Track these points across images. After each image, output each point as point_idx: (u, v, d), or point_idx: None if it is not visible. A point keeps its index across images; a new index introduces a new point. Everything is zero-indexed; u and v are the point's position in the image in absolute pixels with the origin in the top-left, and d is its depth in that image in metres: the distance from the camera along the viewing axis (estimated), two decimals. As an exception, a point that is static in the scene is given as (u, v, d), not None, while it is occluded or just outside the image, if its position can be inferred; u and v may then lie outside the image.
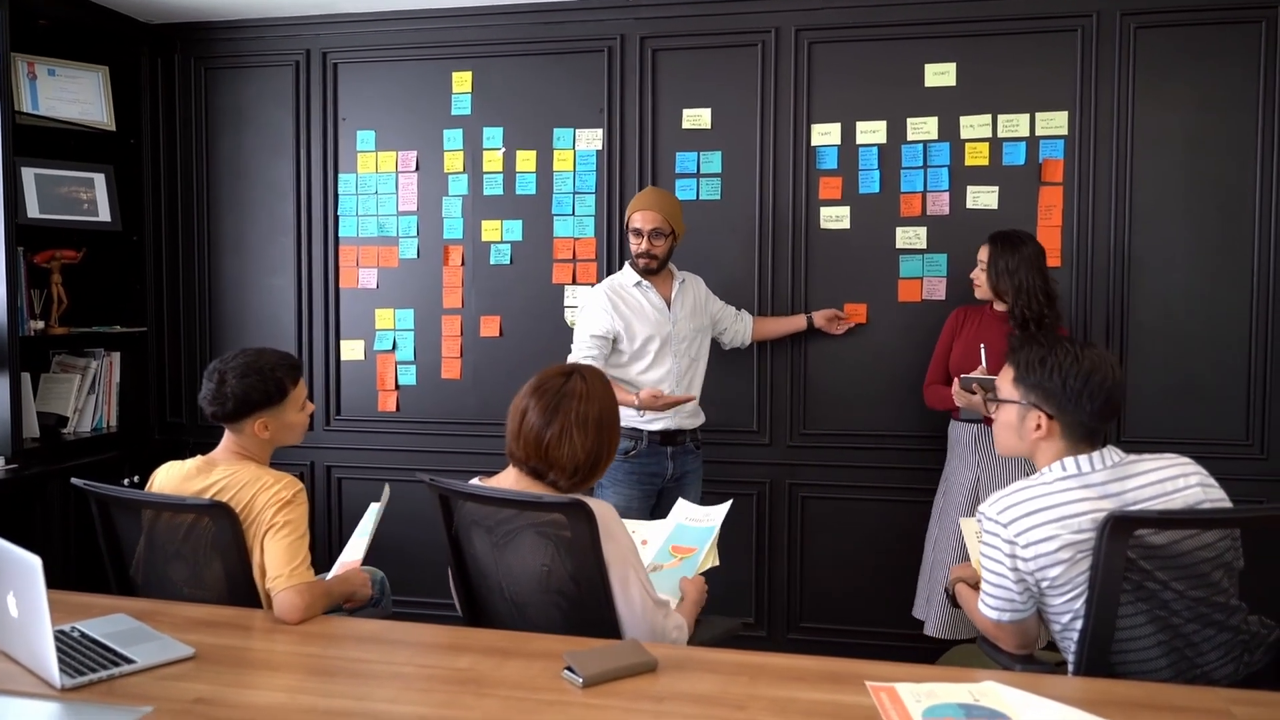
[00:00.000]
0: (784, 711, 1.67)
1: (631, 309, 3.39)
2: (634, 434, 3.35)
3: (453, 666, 1.87)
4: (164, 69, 4.36)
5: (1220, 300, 3.55)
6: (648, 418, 3.33)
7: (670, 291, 3.45)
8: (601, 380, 2.19)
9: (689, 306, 3.47)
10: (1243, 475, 3.50)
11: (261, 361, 2.38)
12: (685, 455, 3.47)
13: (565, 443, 2.07)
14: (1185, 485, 2.01)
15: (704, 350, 3.54)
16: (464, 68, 4.08)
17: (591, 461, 2.11)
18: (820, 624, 3.90)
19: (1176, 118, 3.56)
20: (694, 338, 3.47)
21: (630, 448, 3.35)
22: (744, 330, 3.70)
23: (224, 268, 4.37)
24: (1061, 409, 2.05)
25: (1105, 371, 2.03)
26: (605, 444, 2.14)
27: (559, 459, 2.09)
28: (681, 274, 3.52)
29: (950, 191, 3.70)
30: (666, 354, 3.38)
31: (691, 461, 3.50)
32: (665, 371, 3.37)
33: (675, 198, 3.54)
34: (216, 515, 2.25)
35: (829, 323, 3.75)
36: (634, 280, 3.42)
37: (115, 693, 1.74)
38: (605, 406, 2.14)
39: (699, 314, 3.50)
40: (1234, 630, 1.95)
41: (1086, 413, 2.03)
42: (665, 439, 3.39)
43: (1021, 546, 1.98)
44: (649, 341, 3.36)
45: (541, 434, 2.08)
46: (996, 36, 3.65)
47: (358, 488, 4.22)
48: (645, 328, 3.37)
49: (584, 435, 2.09)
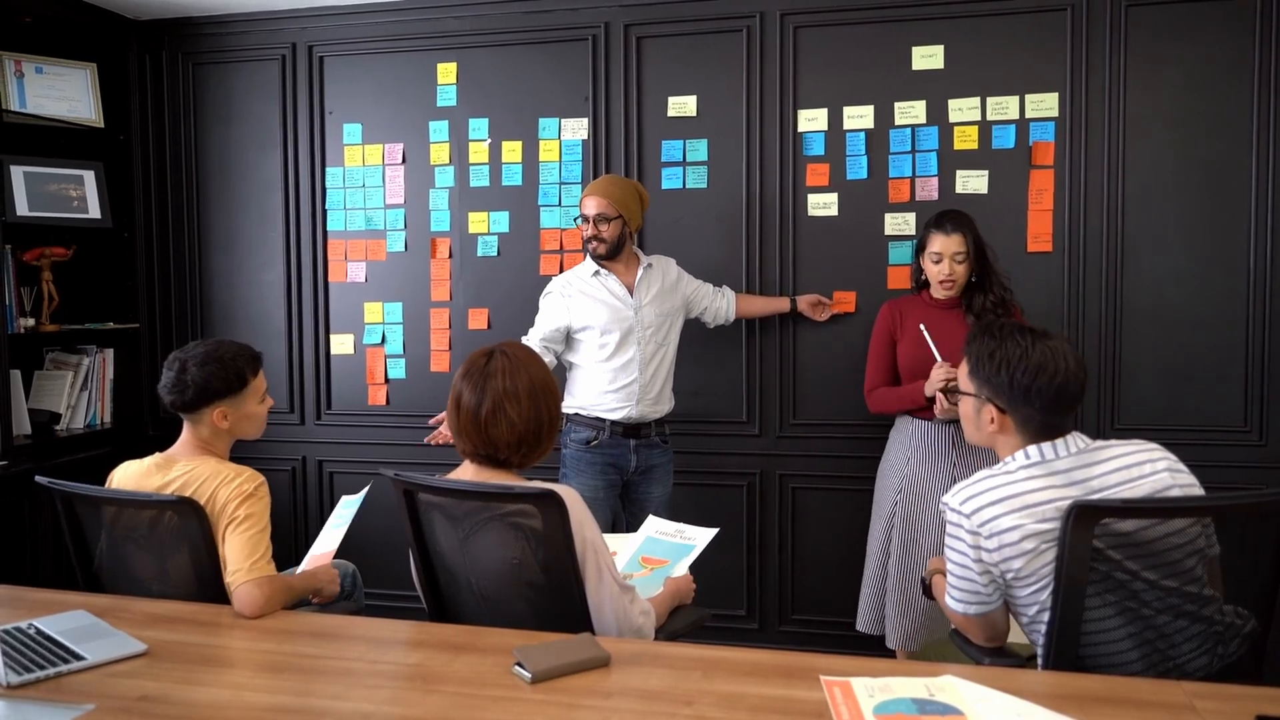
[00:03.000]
0: (732, 707, 1.64)
1: (589, 298, 3.33)
2: (596, 424, 3.32)
3: (404, 662, 1.85)
4: (152, 65, 4.36)
5: (1215, 282, 3.48)
6: (609, 406, 3.30)
7: (633, 278, 3.38)
8: (526, 351, 2.16)
9: (654, 291, 3.39)
10: (1241, 462, 3.44)
11: (221, 351, 2.37)
12: (651, 449, 3.41)
13: (501, 418, 2.04)
14: (1153, 471, 1.96)
15: (673, 336, 3.46)
16: (448, 59, 4.06)
17: (534, 430, 2.07)
18: (813, 615, 3.85)
19: (1168, 98, 3.48)
20: (661, 324, 3.39)
21: (592, 437, 3.32)
22: (726, 307, 3.62)
23: (214, 263, 4.37)
24: (1011, 404, 2.01)
25: (1055, 366, 1.97)
26: (544, 411, 2.09)
27: (499, 435, 2.05)
28: (649, 258, 3.45)
29: (939, 176, 3.63)
30: (630, 342, 3.32)
31: (658, 455, 3.44)
32: (628, 360, 3.32)
33: (630, 184, 3.38)
34: (183, 511, 2.24)
35: (812, 308, 3.70)
36: (592, 270, 3.37)
37: (61, 690, 1.72)
38: (534, 375, 2.10)
39: (668, 298, 3.42)
40: (1207, 621, 1.90)
41: (1036, 408, 1.98)
42: (628, 430, 3.34)
43: (985, 537, 1.94)
44: (608, 332, 3.30)
45: (477, 414, 2.06)
46: (985, 18, 3.58)
47: (349, 481, 4.21)
48: (603, 317, 3.31)
49: (517, 405, 2.05)
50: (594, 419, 3.31)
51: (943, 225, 3.11)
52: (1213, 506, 1.95)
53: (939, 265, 3.11)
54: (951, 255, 3.10)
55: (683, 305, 3.51)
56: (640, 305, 3.35)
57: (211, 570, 2.26)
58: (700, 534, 2.57)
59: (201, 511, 2.24)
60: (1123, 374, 3.54)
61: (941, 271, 3.11)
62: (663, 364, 3.41)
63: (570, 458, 3.36)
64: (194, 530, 2.24)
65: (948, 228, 3.10)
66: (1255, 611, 1.92)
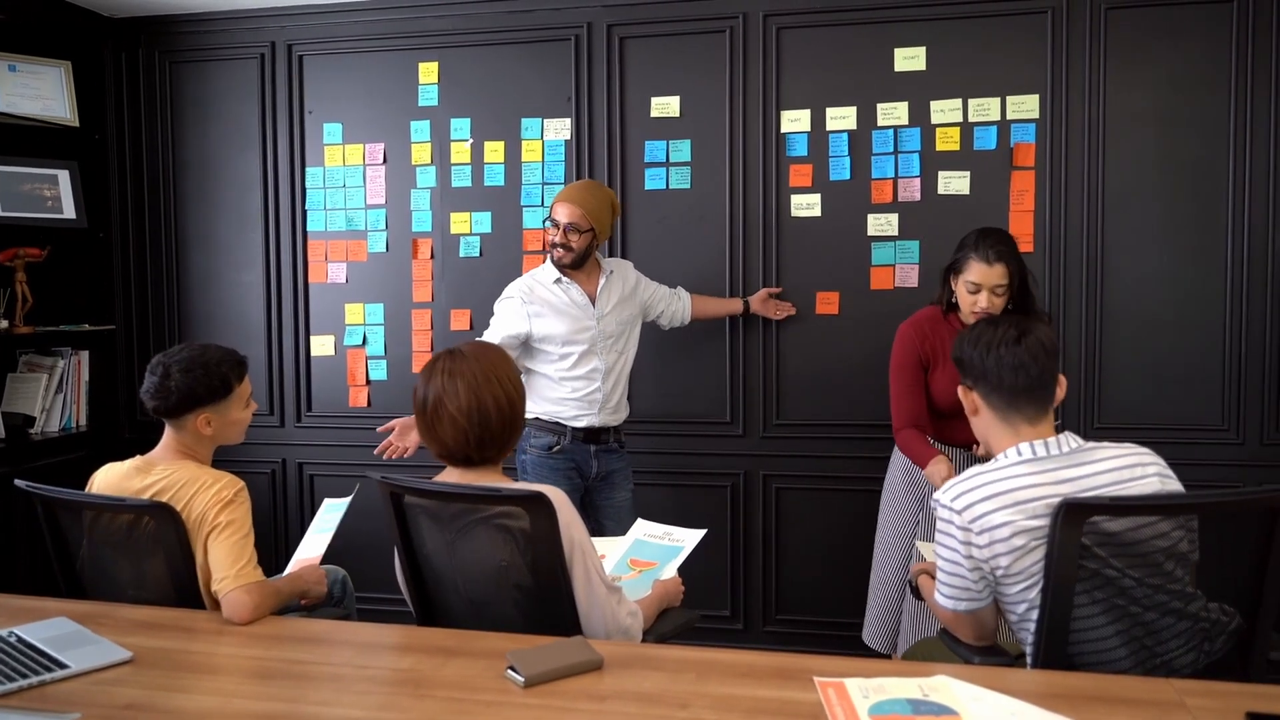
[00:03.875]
0: (728, 709, 1.63)
1: (550, 308, 3.24)
2: (558, 429, 3.28)
3: (394, 667, 1.84)
4: (128, 63, 4.31)
5: (1194, 283, 3.51)
6: (571, 414, 3.27)
7: (595, 287, 3.31)
8: (479, 347, 2.14)
9: (615, 300, 3.33)
10: (1219, 460, 3.48)
11: (206, 356, 2.33)
12: (609, 454, 3.36)
13: (443, 413, 2.02)
14: (1143, 474, 1.97)
15: (632, 343, 3.40)
16: (430, 58, 4.03)
17: (480, 422, 2.02)
18: (797, 616, 3.86)
19: (1148, 100, 3.51)
20: (621, 333, 3.34)
21: (554, 443, 3.27)
22: (682, 310, 3.57)
23: (192, 263, 4.32)
24: (978, 380, 2.07)
25: (1023, 339, 2.02)
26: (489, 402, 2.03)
27: (444, 433, 2.03)
28: (609, 263, 3.38)
29: (921, 177, 3.65)
30: (592, 354, 3.26)
31: (616, 461, 3.39)
32: (590, 369, 3.26)
33: (606, 194, 3.29)
34: (158, 516, 2.20)
35: (763, 304, 3.69)
36: (554, 277, 3.27)
37: (45, 699, 1.70)
38: (477, 370, 2.05)
39: (627, 305, 3.36)
40: (1193, 618, 1.92)
41: (997, 382, 2.02)
42: (588, 436, 3.30)
43: (976, 534, 1.95)
44: (570, 343, 3.23)
45: (424, 412, 2.05)
46: (966, 19, 3.60)
47: (330, 484, 4.18)
48: (564, 327, 3.23)
49: (456, 400, 2.01)
50: (554, 424, 3.27)
51: (985, 253, 2.75)
52: (1200, 504, 1.97)
53: (975, 295, 2.78)
54: (992, 287, 2.76)
55: (640, 311, 3.45)
56: (602, 315, 3.29)
57: (187, 576, 2.23)
58: (688, 535, 2.57)
59: (177, 517, 2.20)
60: (1103, 373, 3.57)
61: (978, 303, 2.77)
62: (623, 373, 3.37)
63: (532, 463, 3.29)
64: (170, 536, 2.21)
65: (990, 256, 2.74)
66: (1240, 609, 1.94)
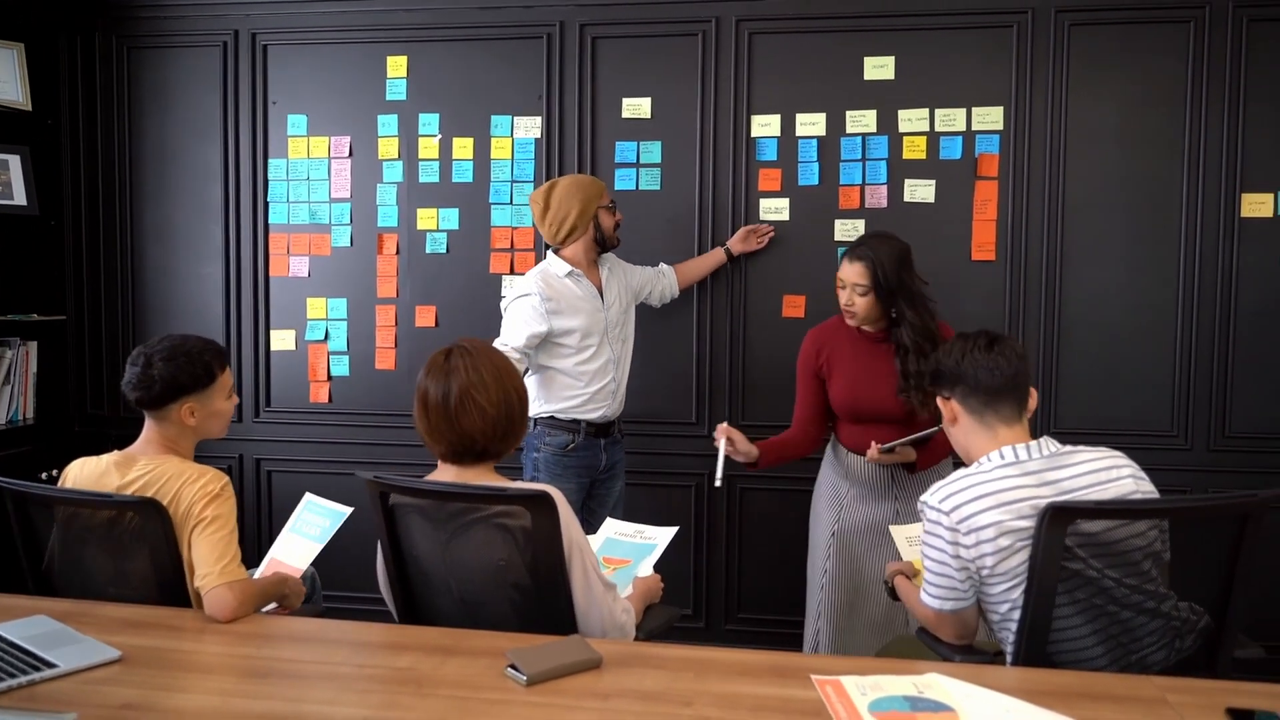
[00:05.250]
0: (732, 706, 1.66)
1: (565, 302, 3.26)
2: (572, 426, 3.30)
3: (392, 666, 1.83)
4: (84, 48, 4.19)
5: (1147, 294, 3.63)
6: (588, 408, 3.29)
7: (600, 278, 3.37)
8: (483, 343, 2.16)
9: (617, 289, 3.40)
10: (1168, 465, 3.59)
11: (188, 345, 2.30)
12: (615, 446, 3.44)
13: (471, 406, 2.03)
14: (1119, 476, 2.05)
15: (630, 331, 3.48)
16: (399, 52, 3.99)
17: (505, 414, 2.06)
18: (758, 615, 3.91)
19: (1108, 114, 3.62)
20: (623, 321, 3.43)
21: (569, 441, 3.29)
22: (670, 285, 3.65)
23: (148, 254, 4.22)
24: (953, 385, 2.15)
25: (992, 345, 2.12)
26: (512, 395, 2.08)
27: (471, 425, 2.04)
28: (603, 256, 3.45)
29: (888, 185, 3.72)
30: (605, 344, 3.32)
31: (618, 452, 3.47)
32: (605, 361, 3.32)
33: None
34: (145, 512, 2.16)
35: (745, 243, 3.75)
36: (565, 270, 3.30)
37: (36, 699, 1.66)
38: (495, 362, 2.09)
39: (625, 294, 3.44)
40: (1166, 617, 2.00)
41: (972, 382, 2.11)
42: (600, 430, 3.35)
43: (963, 534, 2.00)
44: (588, 335, 3.27)
45: (446, 407, 2.04)
46: (934, 31, 3.68)
47: (288, 481, 4.12)
48: (581, 320, 3.26)
49: (485, 392, 2.04)
50: (570, 421, 3.28)
51: (850, 252, 2.94)
52: (1176, 509, 2.06)
53: (841, 291, 2.95)
54: (851, 285, 2.91)
55: (633, 297, 3.52)
56: (610, 305, 3.35)
57: (173, 573, 2.19)
58: (660, 533, 2.59)
59: (164, 512, 2.17)
60: (1060, 379, 3.68)
61: (841, 298, 2.95)
62: (627, 358, 3.44)
63: (545, 462, 3.30)
64: (155, 532, 2.17)
65: (852, 255, 2.92)
66: (1210, 609, 2.02)
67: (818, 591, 3.10)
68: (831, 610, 3.05)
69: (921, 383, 2.81)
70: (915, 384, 2.86)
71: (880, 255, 2.87)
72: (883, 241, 2.93)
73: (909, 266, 2.91)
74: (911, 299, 2.89)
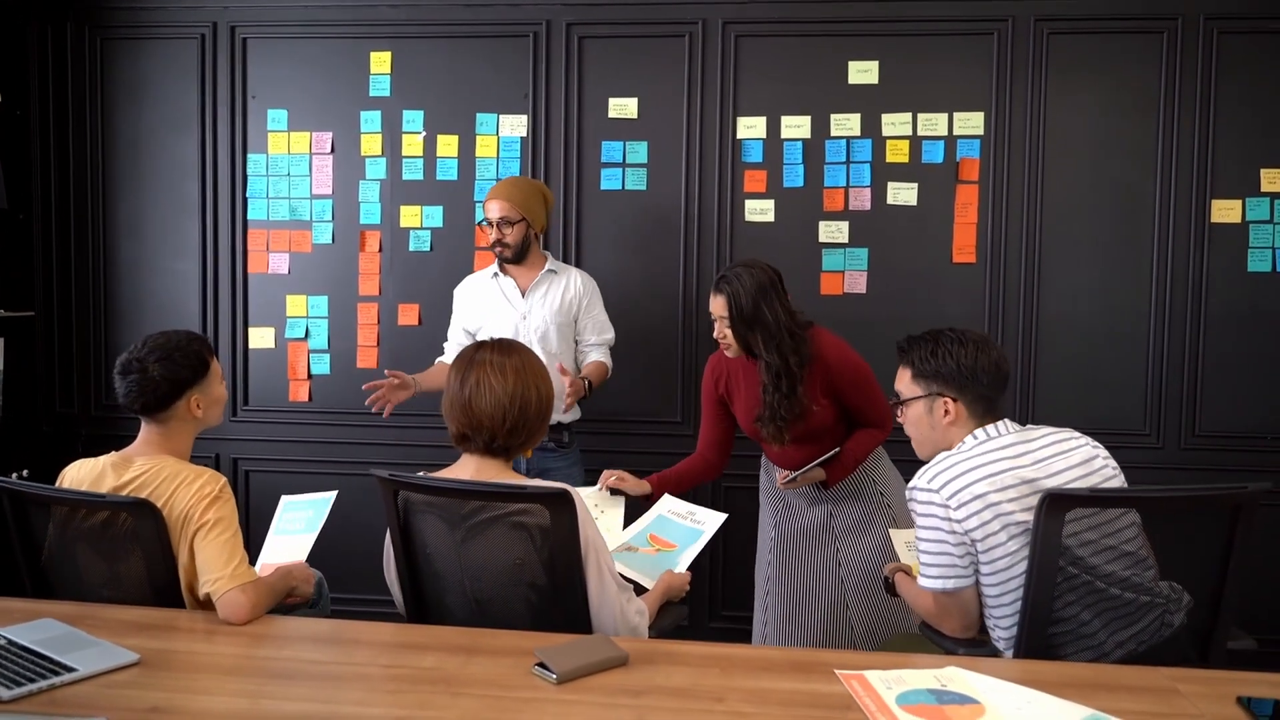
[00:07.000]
0: (762, 701, 1.68)
1: (483, 299, 3.38)
2: None
3: (417, 666, 1.82)
4: (54, 37, 4.10)
5: (1122, 296, 3.74)
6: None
7: (529, 281, 3.35)
8: (517, 343, 2.19)
9: (548, 297, 3.35)
10: (1141, 463, 3.68)
11: (175, 341, 2.28)
12: (544, 453, 3.34)
13: (484, 388, 2.05)
14: (1077, 445, 2.19)
15: (565, 345, 3.37)
16: (383, 47, 3.96)
17: (519, 405, 2.07)
18: (742, 611, 3.93)
19: (1085, 121, 3.72)
20: (548, 330, 3.33)
21: None
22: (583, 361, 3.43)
23: (121, 250, 4.14)
24: (962, 389, 2.22)
25: (988, 345, 2.25)
26: (531, 390, 2.09)
27: (481, 407, 2.05)
28: (566, 269, 3.41)
29: (872, 187, 3.78)
30: None
31: (553, 460, 3.36)
32: None
33: (533, 185, 3.34)
34: (138, 512, 2.12)
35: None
36: (493, 271, 3.40)
37: (58, 703, 1.63)
38: (524, 358, 2.12)
39: (557, 312, 3.34)
40: (1153, 594, 2.08)
41: (984, 385, 2.21)
42: None
43: (954, 508, 2.09)
44: (497, 334, 3.14)
45: (460, 395, 2.07)
46: (918, 37, 3.75)
47: (267, 480, 4.06)
48: (492, 319, 3.34)
49: (501, 377, 2.06)
50: None
51: (715, 281, 2.83)
52: (1167, 499, 2.17)
53: (715, 324, 2.85)
54: (718, 317, 2.82)
55: (567, 320, 3.39)
56: (530, 309, 3.33)
57: (166, 575, 2.16)
58: (711, 518, 2.60)
59: (158, 514, 2.13)
60: (1037, 377, 3.77)
61: (715, 330, 2.86)
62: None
63: None
64: (149, 534, 2.13)
65: (716, 286, 2.82)
66: (1203, 600, 2.09)
67: (764, 583, 3.20)
68: (778, 604, 3.13)
69: (777, 416, 2.83)
70: (771, 416, 2.83)
71: (736, 288, 2.76)
72: (746, 270, 2.80)
73: (770, 297, 2.76)
74: (769, 334, 2.76)
